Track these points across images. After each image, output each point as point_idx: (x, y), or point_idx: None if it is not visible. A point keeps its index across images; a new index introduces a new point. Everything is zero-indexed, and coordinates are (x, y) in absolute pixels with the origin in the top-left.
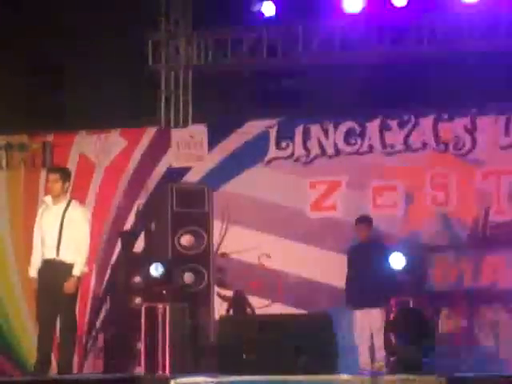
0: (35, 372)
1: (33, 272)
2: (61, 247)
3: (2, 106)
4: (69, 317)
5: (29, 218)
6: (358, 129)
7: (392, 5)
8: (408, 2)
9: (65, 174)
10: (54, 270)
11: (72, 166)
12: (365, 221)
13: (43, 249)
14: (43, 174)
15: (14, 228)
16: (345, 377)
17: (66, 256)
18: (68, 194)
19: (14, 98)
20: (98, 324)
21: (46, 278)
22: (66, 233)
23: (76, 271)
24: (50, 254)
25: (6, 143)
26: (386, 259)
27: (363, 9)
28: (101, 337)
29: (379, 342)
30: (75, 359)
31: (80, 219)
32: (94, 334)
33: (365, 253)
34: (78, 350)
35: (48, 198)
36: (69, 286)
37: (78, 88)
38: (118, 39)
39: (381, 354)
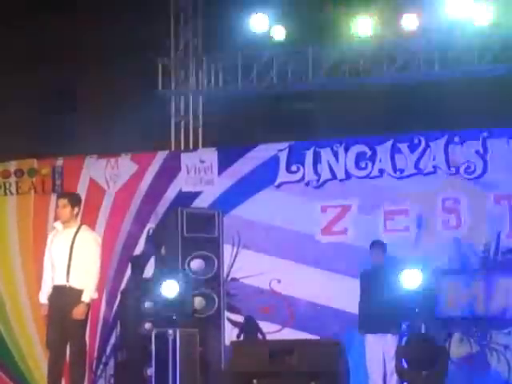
0: None
1: (43, 298)
2: (70, 273)
3: (13, 131)
4: (78, 343)
5: (38, 243)
6: (368, 152)
7: (402, 28)
8: (418, 26)
9: (74, 199)
10: (64, 296)
11: (82, 190)
12: (379, 245)
13: (53, 275)
14: (53, 198)
15: (23, 253)
16: None
17: (75, 282)
18: (78, 219)
19: (24, 122)
20: (108, 350)
21: (56, 304)
22: (75, 258)
23: (85, 297)
24: (60, 280)
25: (15, 168)
26: (399, 284)
27: (373, 33)
28: (111, 363)
29: (391, 366)
30: None
31: (90, 244)
32: (104, 359)
33: (378, 277)
34: (88, 376)
35: (58, 224)
36: (78, 312)
37: (87, 112)
38: (129, 64)
39: (393, 379)
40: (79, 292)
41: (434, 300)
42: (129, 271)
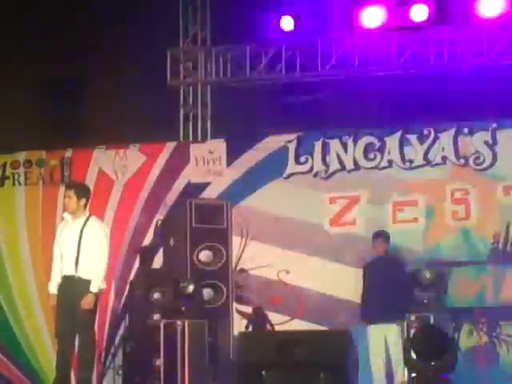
0: None
1: (52, 288)
2: (79, 263)
3: (21, 122)
4: (87, 333)
5: (47, 234)
6: (377, 143)
7: (411, 19)
8: (427, 17)
9: (80, 190)
10: (73, 287)
11: (90, 181)
12: (381, 236)
13: (62, 265)
14: (61, 190)
15: (32, 244)
16: None
17: (84, 272)
18: (87, 210)
19: (32, 113)
20: (116, 340)
21: (65, 294)
22: (84, 249)
23: (93, 287)
24: (69, 271)
25: (24, 159)
26: (403, 274)
27: (382, 23)
28: (120, 353)
29: (395, 357)
30: (94, 376)
31: (98, 235)
32: (112, 350)
33: (380, 267)
34: (96, 367)
35: (67, 215)
36: (86, 302)
37: (96, 104)
38: (138, 55)
39: (398, 369)
40: (88, 282)
41: (443, 290)
42: (137, 262)
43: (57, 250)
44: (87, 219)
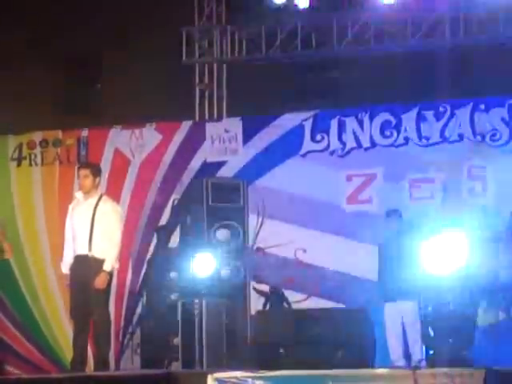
0: (72, 369)
1: (65, 268)
2: (92, 242)
3: (37, 102)
4: (101, 312)
5: (64, 214)
6: (393, 121)
7: None
8: None
9: (95, 169)
10: (86, 266)
11: (107, 161)
12: (394, 214)
13: (75, 245)
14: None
15: (49, 224)
16: (384, 371)
17: (97, 251)
18: (99, 190)
19: (49, 93)
20: (134, 319)
21: (78, 273)
22: (97, 228)
23: (107, 266)
24: (82, 250)
25: (41, 139)
26: (418, 252)
27: None
28: (138, 332)
29: (413, 335)
30: (112, 355)
31: (111, 214)
32: (130, 329)
33: (395, 246)
34: (114, 346)
35: (79, 194)
36: (100, 281)
37: (112, 83)
38: (154, 33)
39: (415, 347)
40: (101, 261)
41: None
42: (154, 241)
43: (68, 230)
44: (100, 198)
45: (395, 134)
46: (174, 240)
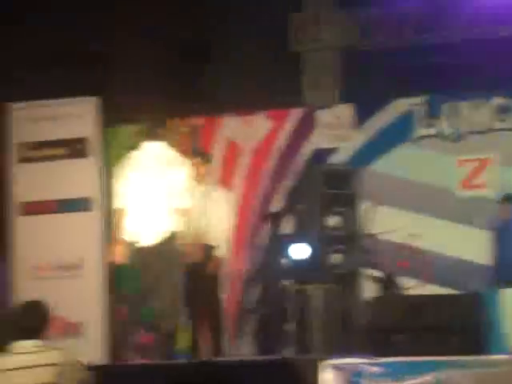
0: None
1: None
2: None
3: (155, 91)
4: (212, 298)
5: None
6: (509, 104)
7: None
8: None
9: (206, 157)
10: (199, 253)
11: (219, 149)
12: (509, 199)
13: None
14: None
15: None
16: (500, 357)
17: (209, 238)
18: (211, 177)
19: (165, 82)
20: (249, 306)
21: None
22: (208, 215)
23: (219, 253)
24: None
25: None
26: None
27: None
28: (252, 319)
29: None
30: (228, 342)
31: (221, 201)
32: (245, 316)
33: (509, 231)
34: (231, 332)
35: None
36: (212, 268)
37: (221, 72)
38: (261, 21)
39: None
40: (214, 248)
41: None
42: (267, 228)
43: None
44: (212, 186)
45: (511, 117)
46: (287, 227)
